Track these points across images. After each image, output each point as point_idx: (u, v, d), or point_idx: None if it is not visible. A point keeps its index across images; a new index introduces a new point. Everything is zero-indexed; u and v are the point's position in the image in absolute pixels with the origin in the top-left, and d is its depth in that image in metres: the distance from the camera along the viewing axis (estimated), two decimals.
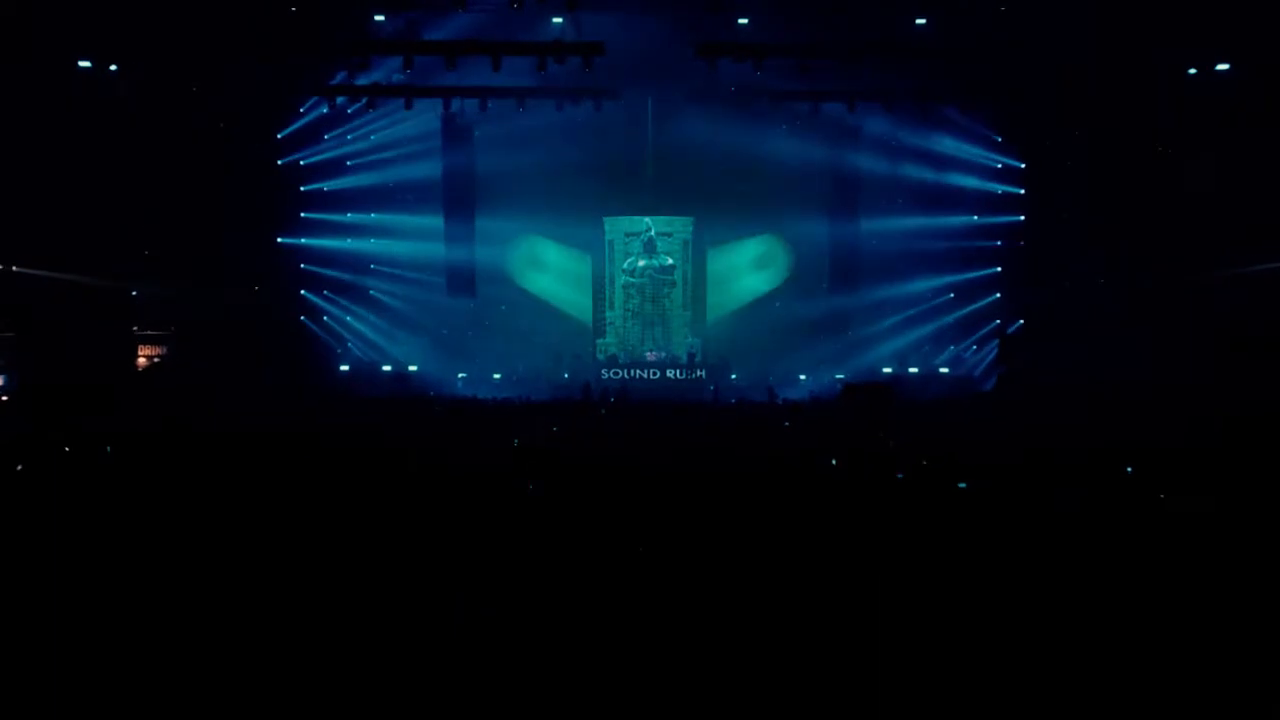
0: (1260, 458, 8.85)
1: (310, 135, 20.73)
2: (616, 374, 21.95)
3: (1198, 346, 16.82)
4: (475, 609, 4.82)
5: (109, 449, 9.70)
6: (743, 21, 18.48)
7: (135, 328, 18.51)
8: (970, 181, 21.33)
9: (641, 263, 22.87)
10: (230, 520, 6.37)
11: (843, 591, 4.99)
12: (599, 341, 22.98)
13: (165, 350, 18.67)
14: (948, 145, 21.29)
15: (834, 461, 9.38)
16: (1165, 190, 18.23)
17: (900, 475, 8.35)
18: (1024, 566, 5.30)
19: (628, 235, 23.01)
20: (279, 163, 20.26)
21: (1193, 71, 17.37)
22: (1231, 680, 4.13)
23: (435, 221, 21.77)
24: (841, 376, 21.34)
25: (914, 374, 21.62)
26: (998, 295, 21.36)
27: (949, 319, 21.93)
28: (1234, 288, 16.96)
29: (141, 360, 18.38)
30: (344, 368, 21.61)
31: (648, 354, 22.63)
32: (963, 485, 7.76)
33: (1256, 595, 4.92)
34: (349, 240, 21.72)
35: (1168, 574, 5.26)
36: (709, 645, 4.47)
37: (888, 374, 21.31)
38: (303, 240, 21.03)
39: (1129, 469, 8.56)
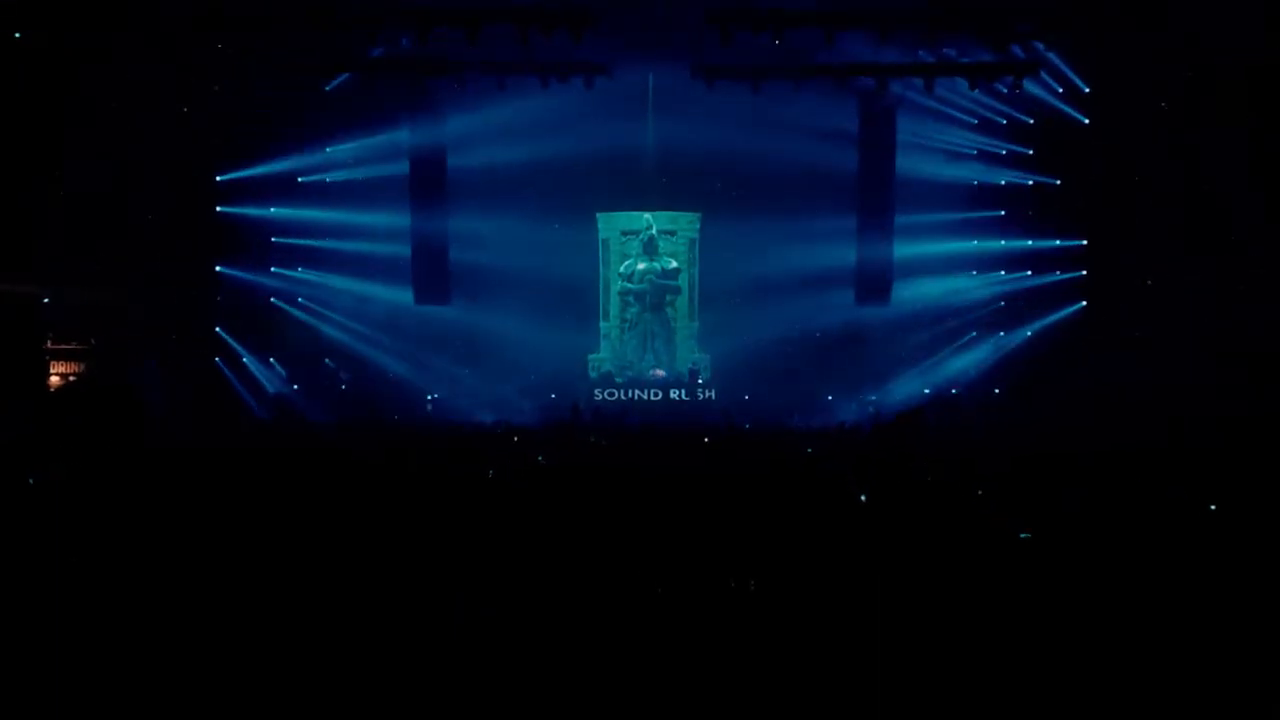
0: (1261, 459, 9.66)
1: (255, 120, 20.16)
2: (611, 394, 21.56)
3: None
4: (475, 609, 5.33)
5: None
6: None
7: (48, 341, 18.24)
8: (1020, 171, 21.00)
9: (641, 265, 22.23)
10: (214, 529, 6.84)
11: (845, 597, 5.45)
12: (591, 357, 22.35)
13: (84, 367, 18.34)
14: (997, 128, 20.97)
15: (863, 497, 9.16)
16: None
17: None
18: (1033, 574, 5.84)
19: (624, 234, 22.39)
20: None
21: None
22: (1233, 681, 4.61)
23: (403, 219, 21.27)
24: (874, 398, 21.07)
25: (958, 392, 21.28)
26: (1056, 306, 21.03)
27: (994, 328, 21.74)
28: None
29: (54, 379, 18.03)
30: (295, 386, 21.16)
31: (652, 372, 22.16)
32: (1025, 535, 7.57)
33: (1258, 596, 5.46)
34: (304, 239, 21.24)
35: (1171, 578, 5.80)
36: (710, 648, 4.94)
37: (927, 393, 21.04)
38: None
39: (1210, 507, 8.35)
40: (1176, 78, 18.70)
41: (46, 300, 18.07)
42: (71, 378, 18.13)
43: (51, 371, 17.93)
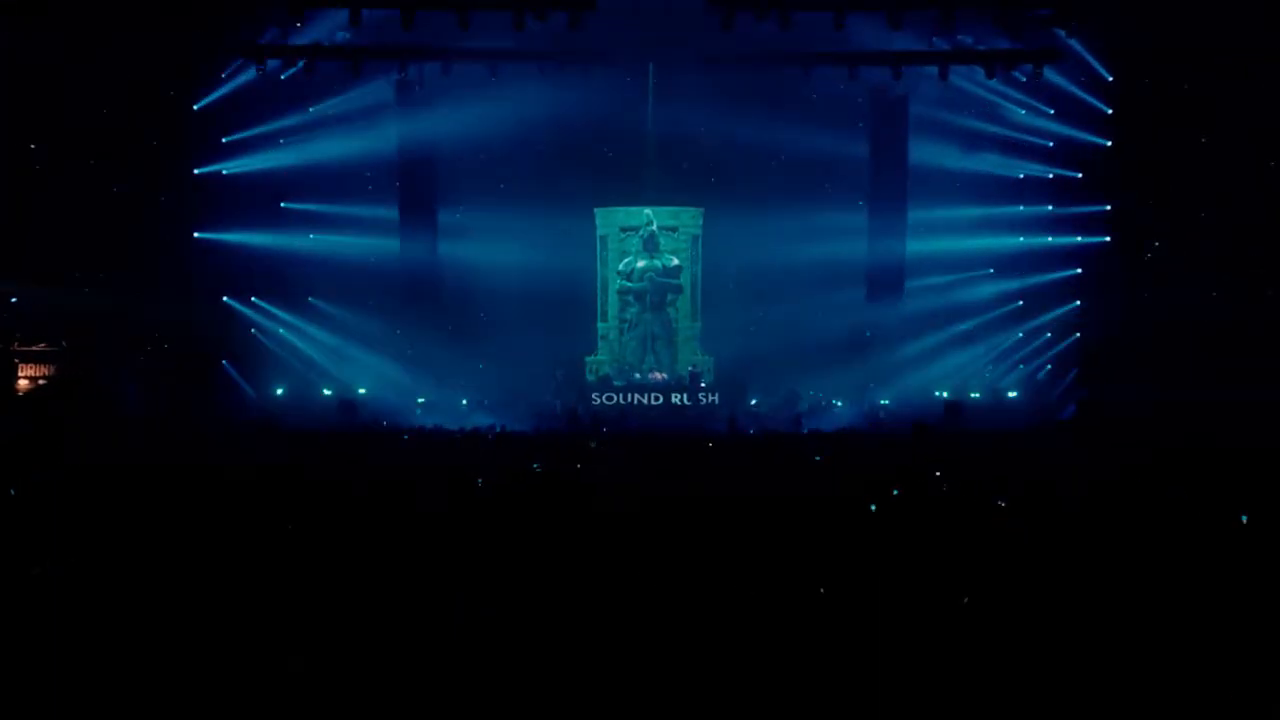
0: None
1: (234, 108, 20.10)
2: (610, 398, 21.28)
3: None
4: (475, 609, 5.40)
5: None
6: None
7: (16, 342, 18.14)
8: (1043, 164, 20.82)
9: (641, 263, 21.94)
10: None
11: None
12: (589, 359, 22.06)
13: (54, 368, 18.21)
14: (1016, 118, 20.75)
15: (873, 507, 9.03)
16: None
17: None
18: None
19: (624, 230, 22.12)
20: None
21: None
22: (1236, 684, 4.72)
23: (389, 213, 21.13)
24: (885, 402, 20.87)
25: (976, 399, 21.12)
26: (1078, 303, 20.89)
27: (1017, 331, 21.52)
28: None
29: (23, 381, 17.90)
30: (279, 392, 21.00)
31: (653, 375, 21.87)
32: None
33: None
34: (282, 236, 20.94)
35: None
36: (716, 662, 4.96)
37: (943, 398, 20.93)
38: (224, 236, 20.34)
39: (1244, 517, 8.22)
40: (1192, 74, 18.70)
41: (15, 300, 18.05)
42: (41, 380, 18.06)
43: (20, 374, 17.87)
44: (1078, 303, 20.93)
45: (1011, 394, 21.31)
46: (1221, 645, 5.07)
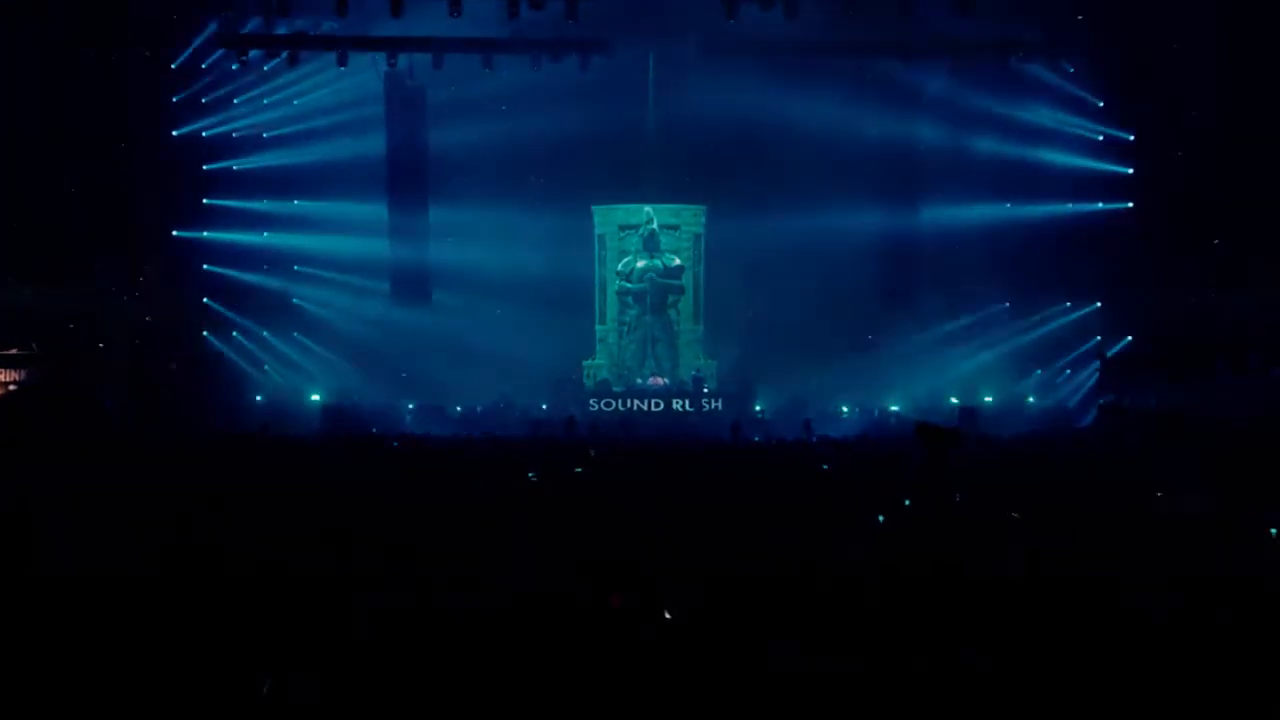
0: None
1: (215, 100, 20.04)
2: (609, 404, 20.99)
3: None
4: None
5: None
6: None
7: None
8: (1062, 159, 20.56)
9: (641, 263, 21.78)
10: None
11: None
12: (586, 363, 21.89)
13: (25, 374, 18.17)
14: (1032, 112, 20.50)
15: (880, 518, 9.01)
16: None
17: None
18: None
19: (623, 229, 21.98)
20: (174, 134, 19.69)
21: None
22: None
23: (377, 210, 20.98)
24: (896, 409, 20.66)
25: (990, 404, 21.00)
26: (1098, 304, 20.77)
27: (1034, 334, 21.24)
28: None
29: None
30: (259, 398, 20.84)
31: (653, 380, 21.61)
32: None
33: None
34: (265, 234, 20.94)
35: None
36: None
37: (955, 404, 20.80)
38: (205, 234, 20.35)
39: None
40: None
41: None
42: (11, 386, 17.95)
43: None
44: (1098, 304, 20.73)
45: (1028, 399, 21.07)
46: None
